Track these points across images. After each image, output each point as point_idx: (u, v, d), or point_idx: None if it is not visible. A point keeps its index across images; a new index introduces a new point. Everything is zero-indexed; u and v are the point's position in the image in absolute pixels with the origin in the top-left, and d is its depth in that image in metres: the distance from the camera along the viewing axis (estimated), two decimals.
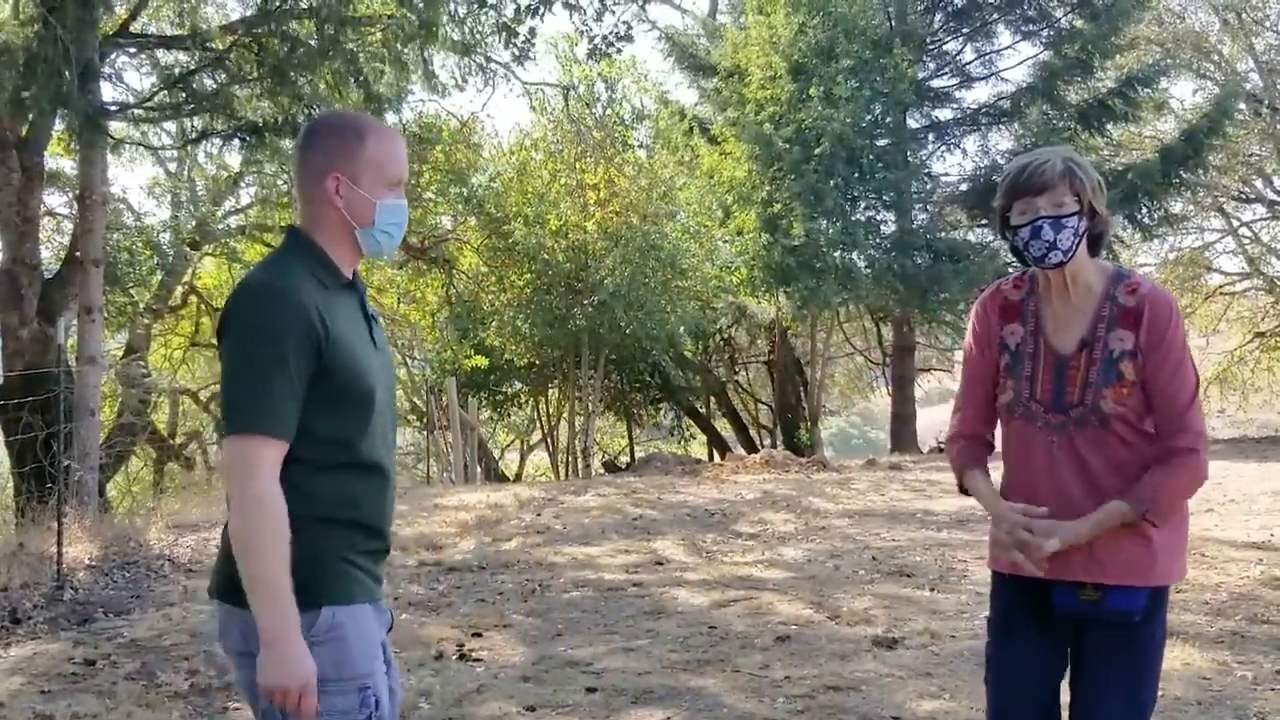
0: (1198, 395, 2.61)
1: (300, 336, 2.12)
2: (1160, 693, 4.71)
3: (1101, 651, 2.60)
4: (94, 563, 7.89)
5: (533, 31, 11.68)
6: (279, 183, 17.44)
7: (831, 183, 17.09)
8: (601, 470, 19.49)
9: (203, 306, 19.91)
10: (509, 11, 11.53)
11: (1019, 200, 2.60)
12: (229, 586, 2.18)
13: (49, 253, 16.64)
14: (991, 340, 2.76)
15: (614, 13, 20.59)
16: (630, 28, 12.28)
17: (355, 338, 2.24)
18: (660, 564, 8.16)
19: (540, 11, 11.30)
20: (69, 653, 5.68)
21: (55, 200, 17.30)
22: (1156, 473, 2.54)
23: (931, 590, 6.96)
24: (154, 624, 6.29)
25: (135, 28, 13.17)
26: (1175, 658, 5.25)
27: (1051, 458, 2.61)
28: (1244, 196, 25.46)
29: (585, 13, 11.55)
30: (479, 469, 18.12)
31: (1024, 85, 20.04)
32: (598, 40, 11.92)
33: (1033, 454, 2.65)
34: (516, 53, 11.97)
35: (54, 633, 6.20)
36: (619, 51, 12.44)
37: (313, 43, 11.15)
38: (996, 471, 2.80)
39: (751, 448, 21.76)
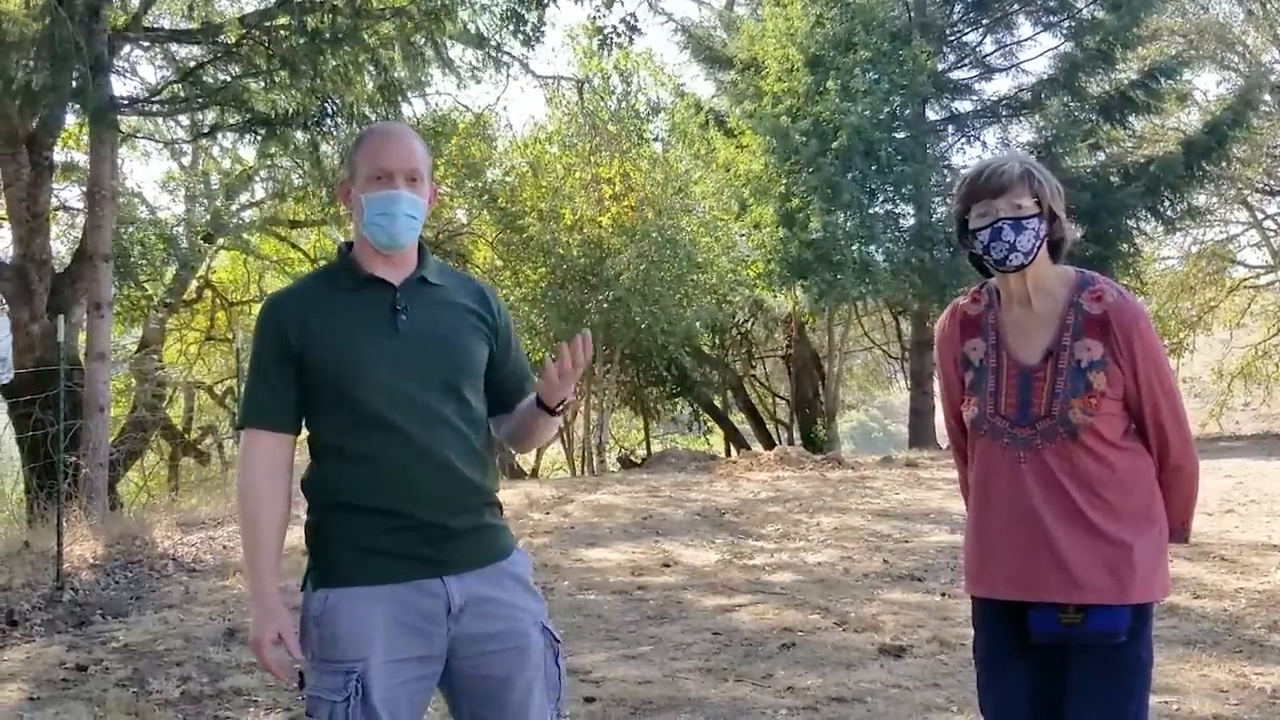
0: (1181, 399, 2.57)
1: (270, 338, 2.36)
2: (1175, 708, 4.63)
3: (1086, 676, 2.49)
4: (97, 562, 7.84)
5: (540, 19, 11.57)
6: (293, 176, 17.34)
7: (849, 176, 16.96)
8: (617, 465, 19.41)
9: (217, 300, 19.88)
10: None
11: (977, 203, 2.51)
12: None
13: (64, 247, 16.65)
14: (957, 360, 2.65)
15: (623, 3, 20.49)
16: (636, 19, 12.20)
17: (351, 327, 2.34)
18: (667, 566, 8.04)
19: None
20: (62, 657, 5.61)
21: (71, 194, 17.33)
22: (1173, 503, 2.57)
23: (943, 596, 6.81)
24: (150, 627, 6.22)
25: (148, 21, 13.09)
26: (1190, 669, 5.11)
27: (1018, 474, 2.49)
28: (1268, 189, 25.12)
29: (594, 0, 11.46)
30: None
31: (1045, 77, 19.87)
32: (607, 30, 11.81)
33: (998, 471, 2.54)
34: (525, 39, 11.88)
35: (50, 635, 6.14)
36: (630, 42, 12.32)
37: (326, 35, 11.05)
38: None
39: (769, 442, 21.64)
